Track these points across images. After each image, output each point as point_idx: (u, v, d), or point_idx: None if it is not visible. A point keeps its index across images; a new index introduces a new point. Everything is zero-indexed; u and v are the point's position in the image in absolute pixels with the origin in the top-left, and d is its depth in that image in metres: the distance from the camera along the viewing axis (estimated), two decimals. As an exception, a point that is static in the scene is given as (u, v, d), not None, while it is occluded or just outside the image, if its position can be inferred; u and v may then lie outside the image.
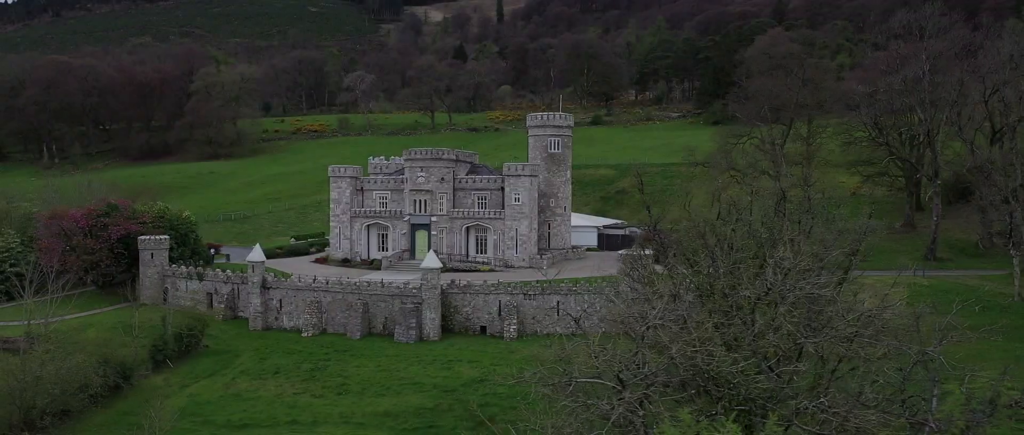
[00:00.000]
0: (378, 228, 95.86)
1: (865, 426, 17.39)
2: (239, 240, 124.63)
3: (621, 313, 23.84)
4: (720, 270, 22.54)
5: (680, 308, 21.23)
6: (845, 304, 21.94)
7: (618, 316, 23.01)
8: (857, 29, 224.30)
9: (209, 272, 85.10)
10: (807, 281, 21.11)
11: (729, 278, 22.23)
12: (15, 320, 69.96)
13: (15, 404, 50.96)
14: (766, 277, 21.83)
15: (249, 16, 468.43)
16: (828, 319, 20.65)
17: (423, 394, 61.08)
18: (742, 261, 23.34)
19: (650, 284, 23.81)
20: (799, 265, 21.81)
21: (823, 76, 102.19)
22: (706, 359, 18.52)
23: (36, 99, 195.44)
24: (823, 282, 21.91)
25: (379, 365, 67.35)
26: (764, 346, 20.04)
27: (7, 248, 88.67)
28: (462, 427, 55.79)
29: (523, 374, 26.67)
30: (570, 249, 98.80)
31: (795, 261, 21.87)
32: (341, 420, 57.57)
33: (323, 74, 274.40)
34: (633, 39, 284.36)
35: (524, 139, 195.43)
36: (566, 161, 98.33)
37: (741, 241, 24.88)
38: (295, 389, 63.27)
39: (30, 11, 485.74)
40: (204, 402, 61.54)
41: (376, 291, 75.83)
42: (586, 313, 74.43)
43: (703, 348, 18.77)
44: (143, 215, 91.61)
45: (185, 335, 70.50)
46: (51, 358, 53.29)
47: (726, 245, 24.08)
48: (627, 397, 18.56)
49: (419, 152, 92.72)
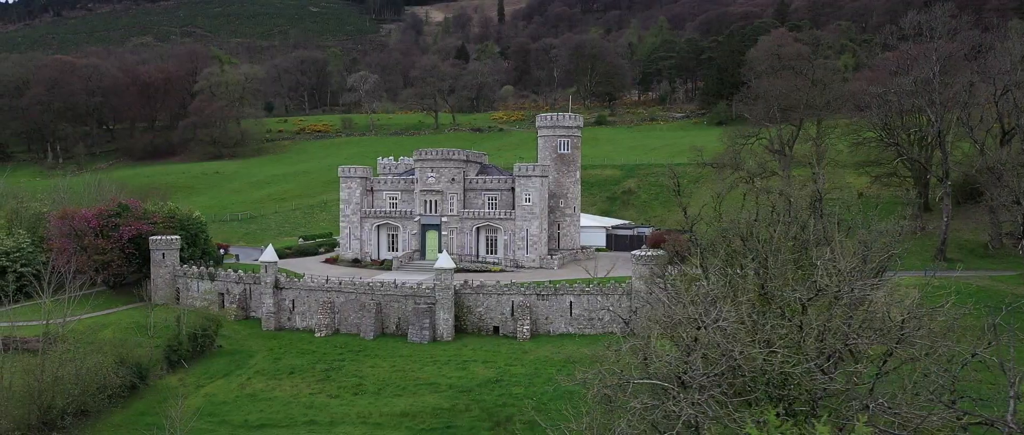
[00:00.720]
0: (388, 228, 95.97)
1: (927, 427, 17.52)
2: (246, 240, 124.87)
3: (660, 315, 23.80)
4: (770, 271, 22.68)
5: (739, 310, 21.34)
6: (890, 305, 22.09)
7: (664, 318, 22.98)
8: (859, 30, 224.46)
9: (221, 272, 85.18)
10: (862, 283, 21.24)
11: (778, 280, 22.36)
12: (27, 320, 69.95)
13: (34, 404, 51.02)
14: (816, 278, 21.97)
15: (250, 16, 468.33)
16: (881, 320, 20.79)
17: (439, 394, 61.18)
18: (789, 263, 23.43)
19: (690, 285, 23.86)
20: (849, 266, 21.95)
21: (832, 77, 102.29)
22: (769, 360, 18.61)
23: (40, 99, 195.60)
24: (875, 283, 22.04)
25: (394, 365, 67.48)
26: (824, 348, 20.14)
27: (18, 248, 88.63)
28: (481, 428, 55.91)
29: (585, 374, 26.46)
30: (579, 249, 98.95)
31: (846, 263, 22.02)
32: (359, 420, 57.66)
33: (325, 74, 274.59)
34: (635, 39, 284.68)
35: (528, 139, 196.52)
36: (575, 161, 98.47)
37: (780, 242, 24.96)
38: (311, 389, 63.37)
39: (31, 11, 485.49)
40: (220, 402, 61.62)
41: (389, 291, 75.95)
42: (598, 313, 74.70)
43: (766, 350, 18.87)
44: (154, 215, 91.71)
45: (199, 335, 70.56)
46: (71, 358, 53.38)
47: (772, 247, 24.19)
48: (697, 399, 18.64)
49: (430, 152, 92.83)
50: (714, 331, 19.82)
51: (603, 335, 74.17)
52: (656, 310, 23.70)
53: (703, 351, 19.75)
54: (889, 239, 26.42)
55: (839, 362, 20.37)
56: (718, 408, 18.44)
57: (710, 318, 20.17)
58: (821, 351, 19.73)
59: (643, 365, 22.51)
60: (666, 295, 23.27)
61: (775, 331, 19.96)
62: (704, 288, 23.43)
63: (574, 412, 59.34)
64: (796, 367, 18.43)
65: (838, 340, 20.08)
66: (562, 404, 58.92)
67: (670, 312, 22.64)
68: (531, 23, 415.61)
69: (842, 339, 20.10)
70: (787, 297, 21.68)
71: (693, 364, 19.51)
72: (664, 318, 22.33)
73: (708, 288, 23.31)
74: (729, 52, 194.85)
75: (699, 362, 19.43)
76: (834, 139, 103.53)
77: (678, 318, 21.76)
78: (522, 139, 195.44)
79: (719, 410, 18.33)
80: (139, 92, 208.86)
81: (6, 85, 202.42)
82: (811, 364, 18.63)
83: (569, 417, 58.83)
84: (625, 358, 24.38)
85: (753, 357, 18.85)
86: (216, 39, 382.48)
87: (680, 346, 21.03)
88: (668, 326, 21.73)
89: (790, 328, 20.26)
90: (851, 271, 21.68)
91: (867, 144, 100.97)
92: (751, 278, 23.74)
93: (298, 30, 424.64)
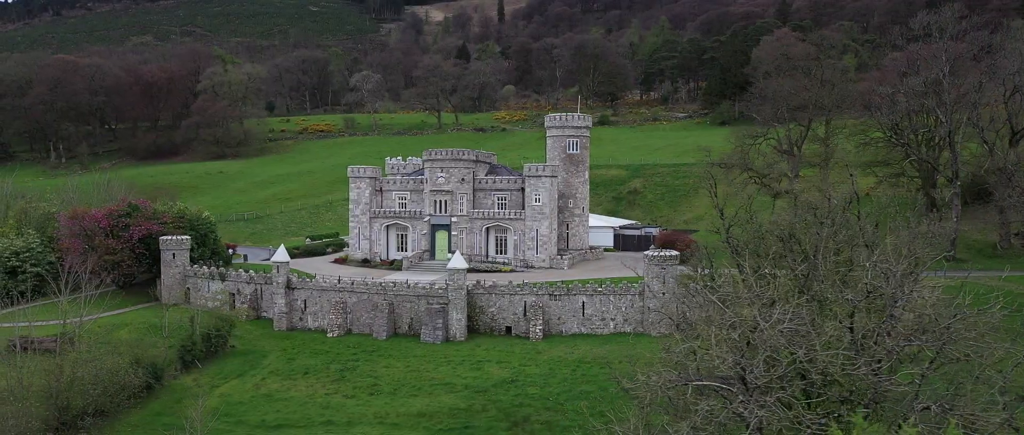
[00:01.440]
0: (397, 228, 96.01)
1: (985, 427, 17.66)
2: (253, 240, 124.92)
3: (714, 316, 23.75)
4: (820, 273, 22.77)
5: (798, 312, 21.40)
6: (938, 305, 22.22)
7: (710, 319, 22.99)
8: (861, 30, 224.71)
9: (231, 272, 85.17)
10: (915, 285, 21.38)
11: (828, 282, 22.45)
12: (39, 320, 69.87)
13: (54, 404, 51.04)
14: (867, 280, 22.09)
15: (249, 15, 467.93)
16: (932, 320, 20.91)
17: (455, 395, 61.27)
18: (838, 264, 23.55)
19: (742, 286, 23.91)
20: (902, 269, 22.05)
21: (841, 77, 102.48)
22: (833, 362, 18.71)
23: (43, 98, 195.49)
24: (931, 284, 22.17)
25: (408, 366, 67.57)
26: (878, 350, 20.24)
27: (28, 248, 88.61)
28: (498, 428, 55.99)
29: (648, 375, 26.38)
30: (588, 249, 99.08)
31: (897, 265, 22.13)
32: (376, 420, 57.74)
33: (327, 74, 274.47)
34: (636, 39, 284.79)
35: (531, 139, 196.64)
36: (584, 161, 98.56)
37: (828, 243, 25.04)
38: (326, 389, 63.43)
39: (30, 10, 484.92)
40: (236, 402, 61.64)
41: (402, 291, 76.01)
42: (610, 314, 74.81)
43: (829, 351, 18.97)
44: (164, 215, 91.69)
45: (213, 335, 70.58)
46: (90, 359, 53.41)
47: (822, 248, 24.28)
48: (765, 401, 18.72)
49: (440, 153, 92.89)
50: (776, 333, 19.88)
51: (615, 335, 74.41)
52: (702, 311, 23.71)
53: (767, 353, 19.81)
54: (931, 240, 26.51)
55: (897, 364, 20.47)
56: (785, 410, 18.53)
57: (770, 320, 20.23)
58: (874, 353, 19.82)
59: (701, 366, 22.53)
60: (718, 296, 23.29)
61: (835, 333, 20.03)
62: (755, 290, 23.50)
63: (590, 411, 59.65)
64: (858, 368, 18.53)
65: (894, 340, 20.18)
66: (578, 404, 59.38)
67: (722, 314, 22.66)
68: (531, 23, 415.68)
69: (898, 339, 20.19)
70: (838, 299, 21.79)
71: (755, 365, 19.55)
72: (719, 320, 22.34)
73: (760, 290, 23.39)
74: (732, 52, 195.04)
75: (761, 364, 19.49)
76: (842, 139, 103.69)
77: (732, 320, 21.81)
78: (525, 139, 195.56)
79: (787, 412, 18.42)
80: (142, 92, 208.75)
81: (9, 85, 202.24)
82: (879, 365, 18.71)
83: (587, 416, 59.03)
84: (678, 359, 24.38)
85: (816, 359, 18.92)
86: (216, 38, 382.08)
87: (733, 347, 21.08)
88: (722, 327, 21.76)
89: (841, 330, 20.33)
90: (903, 274, 21.79)
91: (874, 144, 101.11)
92: (798, 280, 23.82)
93: (298, 29, 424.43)
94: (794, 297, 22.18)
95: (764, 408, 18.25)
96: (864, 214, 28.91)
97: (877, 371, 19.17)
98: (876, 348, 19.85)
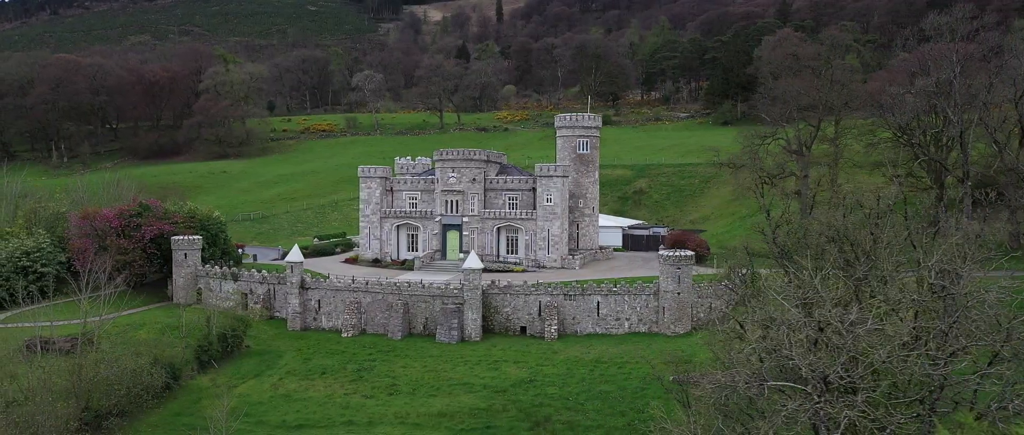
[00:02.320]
0: (408, 228, 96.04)
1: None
2: (259, 240, 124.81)
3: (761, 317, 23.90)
4: (884, 274, 22.91)
5: (871, 313, 21.55)
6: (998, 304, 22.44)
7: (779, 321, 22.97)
8: (862, 30, 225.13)
9: (244, 272, 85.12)
10: (982, 286, 21.58)
11: (895, 283, 22.60)
12: (51, 320, 69.49)
13: (79, 404, 51.00)
14: (930, 279, 22.23)
15: (247, 14, 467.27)
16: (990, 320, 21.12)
17: (474, 394, 61.36)
18: (898, 264, 23.69)
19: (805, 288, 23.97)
20: (969, 271, 22.23)
21: (851, 77, 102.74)
22: (904, 362, 18.86)
23: (45, 98, 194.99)
24: (1002, 285, 22.41)
25: (425, 366, 67.63)
26: (945, 349, 20.42)
27: (38, 248, 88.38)
28: (520, 428, 56.07)
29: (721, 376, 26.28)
30: (599, 249, 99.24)
31: (962, 265, 22.29)
32: (396, 420, 57.76)
33: (327, 73, 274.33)
34: (636, 39, 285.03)
35: (533, 139, 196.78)
36: (594, 161, 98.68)
37: (890, 243, 25.21)
38: (345, 390, 63.44)
39: (27, 9, 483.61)
40: (255, 403, 61.60)
41: (417, 291, 76.07)
42: (624, 314, 74.93)
43: (902, 352, 19.10)
44: (174, 215, 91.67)
45: (229, 336, 70.58)
46: (113, 358, 53.39)
47: (884, 249, 24.42)
48: (854, 401, 18.85)
49: (451, 153, 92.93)
50: (860, 333, 19.98)
51: (630, 335, 74.54)
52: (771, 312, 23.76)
53: (850, 353, 19.91)
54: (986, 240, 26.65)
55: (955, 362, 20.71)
56: (873, 410, 18.66)
57: (846, 322, 20.36)
58: (942, 352, 20.03)
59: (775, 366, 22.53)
60: (784, 297, 23.37)
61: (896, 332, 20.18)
62: (824, 291, 23.61)
63: (610, 410, 59.68)
64: (938, 368, 18.69)
65: (965, 340, 20.35)
66: (598, 404, 59.56)
67: (792, 314, 22.74)
68: (530, 22, 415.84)
69: (968, 339, 20.36)
70: (904, 299, 21.94)
71: (839, 366, 19.63)
72: (795, 320, 22.39)
73: (826, 291, 23.52)
74: (734, 52, 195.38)
75: (841, 364, 19.60)
76: (850, 140, 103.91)
77: (800, 321, 21.91)
78: (528, 139, 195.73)
79: (875, 412, 18.54)
80: (144, 91, 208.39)
81: (10, 84, 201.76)
82: (946, 363, 18.88)
83: (606, 416, 59.09)
84: (747, 359, 24.34)
85: (893, 359, 19.06)
86: (214, 38, 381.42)
87: (813, 348, 21.17)
88: (798, 328, 21.82)
89: (905, 329, 20.49)
90: (970, 275, 21.96)
91: (882, 144, 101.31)
92: (856, 281, 23.94)
93: (296, 29, 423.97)
94: (865, 297, 22.27)
95: (854, 408, 18.38)
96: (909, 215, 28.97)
97: (945, 370, 19.34)
98: (944, 347, 20.04)
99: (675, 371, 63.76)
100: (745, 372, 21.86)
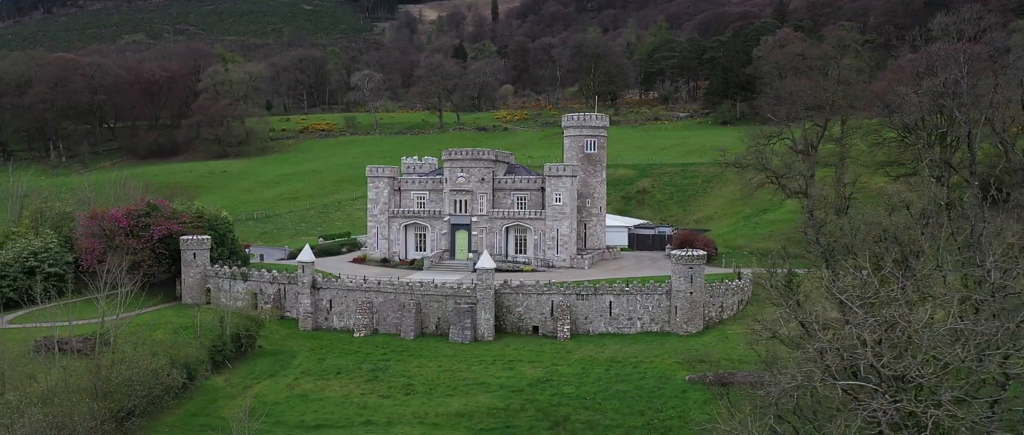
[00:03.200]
0: (416, 228, 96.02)
1: None
2: (264, 239, 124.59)
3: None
4: (942, 273, 23.07)
5: (942, 313, 21.71)
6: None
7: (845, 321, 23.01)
8: (859, 30, 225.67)
9: (254, 272, 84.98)
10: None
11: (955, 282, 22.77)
12: (62, 320, 69.25)
13: (101, 404, 50.88)
14: (992, 279, 22.40)
15: (242, 13, 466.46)
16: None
17: (491, 394, 61.42)
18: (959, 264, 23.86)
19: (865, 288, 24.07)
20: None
21: (857, 77, 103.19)
22: (978, 363, 19.02)
23: (43, 97, 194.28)
24: None
25: (440, 365, 67.66)
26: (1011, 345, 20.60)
27: (45, 248, 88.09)
28: (540, 427, 56.17)
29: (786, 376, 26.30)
30: (606, 249, 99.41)
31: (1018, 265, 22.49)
32: (415, 420, 57.83)
33: (324, 72, 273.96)
34: (633, 39, 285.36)
35: (533, 138, 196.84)
36: (601, 161, 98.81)
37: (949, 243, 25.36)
38: (361, 390, 63.44)
39: (21, 8, 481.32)
40: (272, 403, 61.51)
41: (429, 291, 76.08)
42: (637, 314, 75.08)
43: (974, 351, 19.26)
44: (183, 215, 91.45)
45: (242, 336, 70.50)
46: (133, 359, 53.31)
47: (942, 247, 24.58)
48: (940, 398, 19.01)
49: (459, 152, 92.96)
50: (941, 332, 20.09)
51: (642, 335, 74.70)
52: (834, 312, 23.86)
53: (931, 352, 20.06)
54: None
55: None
56: (955, 407, 18.84)
57: (917, 322, 20.50)
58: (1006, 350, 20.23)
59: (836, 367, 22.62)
60: (846, 298, 23.52)
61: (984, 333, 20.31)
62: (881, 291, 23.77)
63: (628, 410, 59.72)
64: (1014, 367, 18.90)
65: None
66: (616, 403, 59.69)
67: (861, 314, 22.87)
68: (525, 22, 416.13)
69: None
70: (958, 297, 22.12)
71: (916, 365, 19.75)
72: (864, 320, 22.52)
73: (889, 292, 23.68)
74: (734, 52, 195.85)
75: (918, 363, 19.74)
76: (855, 139, 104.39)
77: (866, 321, 22.04)
78: (528, 139, 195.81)
79: (957, 408, 18.72)
80: (142, 90, 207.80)
81: (8, 84, 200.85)
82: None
83: (624, 415, 59.14)
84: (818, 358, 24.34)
85: (969, 359, 19.22)
86: (209, 37, 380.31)
87: (892, 346, 21.25)
88: (870, 328, 21.94)
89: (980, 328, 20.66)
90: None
91: (887, 144, 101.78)
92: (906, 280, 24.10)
93: (291, 28, 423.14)
94: (950, 297, 22.38)
95: (941, 407, 18.57)
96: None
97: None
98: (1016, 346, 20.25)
99: (691, 371, 64.24)
100: (817, 371, 21.91)
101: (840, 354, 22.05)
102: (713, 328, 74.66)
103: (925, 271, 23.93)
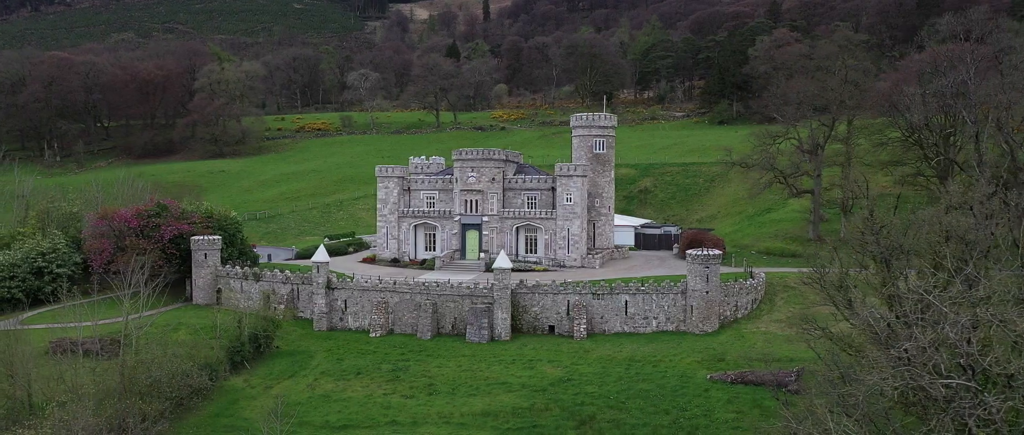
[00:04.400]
0: (426, 228, 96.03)
1: None
2: (268, 239, 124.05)
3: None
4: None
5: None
6: None
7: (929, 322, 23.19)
8: (853, 30, 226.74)
9: (267, 272, 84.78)
10: None
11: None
12: (72, 321, 68.84)
13: (127, 405, 50.78)
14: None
15: (232, 12, 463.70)
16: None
17: (514, 394, 61.59)
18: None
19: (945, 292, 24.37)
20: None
21: (863, 77, 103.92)
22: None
23: (37, 96, 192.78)
24: None
25: (460, 365, 67.78)
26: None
27: (54, 249, 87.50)
28: (566, 427, 56.38)
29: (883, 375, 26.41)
30: (614, 248, 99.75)
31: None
32: (441, 420, 57.94)
33: (318, 72, 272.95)
34: (626, 38, 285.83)
35: (532, 138, 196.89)
36: (610, 161, 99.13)
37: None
38: (383, 390, 63.51)
39: (7, 5, 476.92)
40: (294, 403, 61.35)
41: (446, 291, 76.17)
42: (652, 313, 75.45)
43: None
44: (192, 215, 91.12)
45: (260, 336, 70.39)
46: (159, 360, 53.19)
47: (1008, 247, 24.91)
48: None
49: (470, 152, 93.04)
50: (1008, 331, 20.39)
51: (658, 334, 74.97)
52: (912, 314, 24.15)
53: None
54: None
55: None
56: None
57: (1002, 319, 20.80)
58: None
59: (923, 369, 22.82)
60: (933, 298, 23.81)
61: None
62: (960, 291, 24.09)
63: (653, 409, 59.93)
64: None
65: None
66: (640, 402, 59.95)
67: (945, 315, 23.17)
68: (517, 21, 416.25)
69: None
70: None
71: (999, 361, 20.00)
72: (956, 320, 22.82)
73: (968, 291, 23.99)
74: (730, 52, 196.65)
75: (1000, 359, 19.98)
76: (860, 139, 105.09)
77: (961, 320, 22.33)
78: (526, 138, 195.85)
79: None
80: (137, 89, 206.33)
81: (2, 83, 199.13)
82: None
83: (649, 414, 59.34)
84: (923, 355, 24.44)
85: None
86: (198, 35, 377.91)
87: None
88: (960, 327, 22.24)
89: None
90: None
91: (891, 144, 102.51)
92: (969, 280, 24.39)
93: (282, 27, 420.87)
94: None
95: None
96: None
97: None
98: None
99: (711, 369, 64.58)
100: (924, 371, 22.07)
101: (940, 352, 22.31)
102: (728, 327, 75.08)
103: (1012, 269, 24.33)
